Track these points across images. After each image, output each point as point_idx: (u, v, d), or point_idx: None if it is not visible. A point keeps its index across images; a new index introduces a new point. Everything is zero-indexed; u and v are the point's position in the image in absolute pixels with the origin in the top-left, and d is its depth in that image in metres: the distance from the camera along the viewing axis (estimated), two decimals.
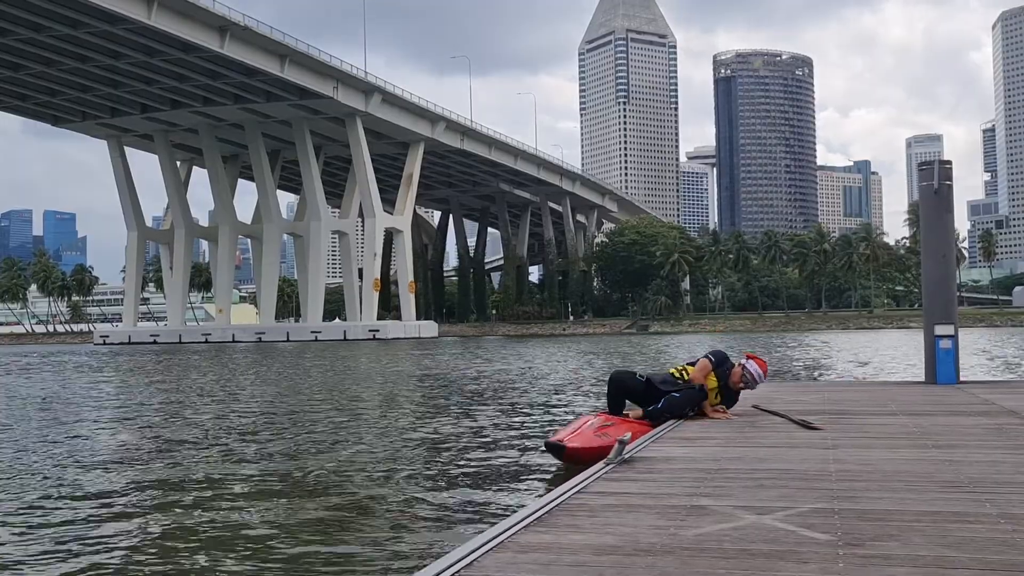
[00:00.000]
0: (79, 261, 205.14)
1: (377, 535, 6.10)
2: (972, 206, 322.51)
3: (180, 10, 72.29)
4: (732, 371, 8.22)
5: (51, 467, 9.55)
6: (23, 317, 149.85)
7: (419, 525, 6.41)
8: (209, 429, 13.04)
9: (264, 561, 5.53)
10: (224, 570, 5.40)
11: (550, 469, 8.60)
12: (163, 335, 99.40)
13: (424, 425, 13.35)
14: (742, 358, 8.38)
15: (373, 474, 8.70)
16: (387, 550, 5.70)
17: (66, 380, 27.79)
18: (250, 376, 28.22)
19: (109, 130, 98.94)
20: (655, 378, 8.16)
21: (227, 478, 8.58)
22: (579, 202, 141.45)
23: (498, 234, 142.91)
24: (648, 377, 8.20)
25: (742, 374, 8.20)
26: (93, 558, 5.74)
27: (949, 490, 4.57)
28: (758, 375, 8.22)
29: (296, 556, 5.60)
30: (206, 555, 5.72)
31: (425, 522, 6.51)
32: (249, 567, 5.44)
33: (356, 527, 6.37)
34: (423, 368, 31.40)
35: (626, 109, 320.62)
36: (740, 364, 8.25)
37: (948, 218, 11.49)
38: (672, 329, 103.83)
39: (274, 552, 5.72)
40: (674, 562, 3.28)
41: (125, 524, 6.73)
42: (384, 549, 5.73)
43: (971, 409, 8.36)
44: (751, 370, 8.19)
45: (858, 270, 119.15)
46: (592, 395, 17.68)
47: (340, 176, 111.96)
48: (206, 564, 5.52)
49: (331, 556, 5.59)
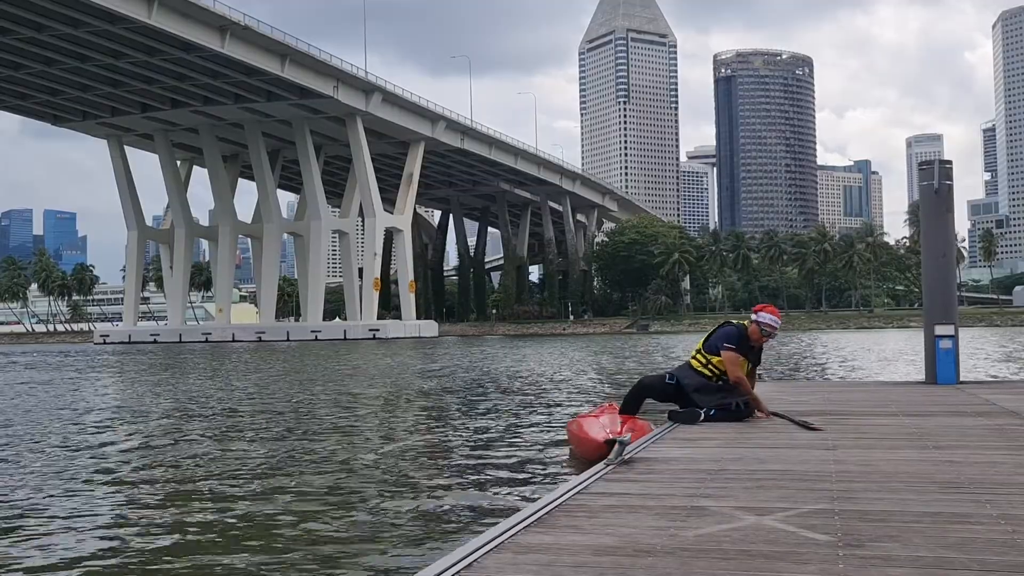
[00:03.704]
0: (79, 261, 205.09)
1: (377, 535, 6.10)
2: (972, 206, 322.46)
3: (180, 10, 72.31)
4: (750, 332, 8.07)
5: (60, 465, 9.56)
6: (23, 316, 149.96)
7: (419, 525, 6.41)
8: (211, 427, 13.04)
9: (264, 561, 5.53)
10: (224, 570, 5.40)
11: (550, 469, 8.61)
12: (163, 335, 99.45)
13: (424, 425, 13.36)
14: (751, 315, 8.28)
15: (373, 474, 8.70)
16: (387, 550, 5.70)
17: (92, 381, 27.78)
18: (252, 376, 28.22)
19: (109, 129, 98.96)
20: (685, 381, 7.91)
21: (227, 478, 8.58)
22: (579, 202, 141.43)
23: (498, 234, 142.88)
24: (678, 379, 7.96)
25: (760, 330, 8.06)
26: (91, 559, 5.74)
27: (949, 491, 4.57)
28: (773, 322, 8.09)
29: (296, 556, 5.60)
30: (206, 555, 5.72)
31: (425, 522, 6.51)
32: (249, 567, 5.44)
33: (356, 527, 6.37)
34: (425, 367, 31.40)
35: (626, 109, 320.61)
36: (752, 321, 8.14)
37: (948, 218, 11.49)
38: (672, 329, 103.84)
39: (274, 552, 5.72)
40: (674, 563, 3.28)
41: (126, 523, 6.73)
42: (384, 549, 5.73)
43: (971, 409, 8.36)
44: (765, 321, 8.08)
45: (858, 270, 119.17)
46: (592, 394, 17.68)
47: (340, 176, 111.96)
48: (205, 564, 5.52)
49: (331, 556, 5.58)
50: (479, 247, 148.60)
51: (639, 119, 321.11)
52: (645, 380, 8.37)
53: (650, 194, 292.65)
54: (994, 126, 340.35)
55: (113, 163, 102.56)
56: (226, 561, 5.57)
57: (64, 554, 5.85)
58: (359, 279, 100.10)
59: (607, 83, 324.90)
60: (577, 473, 6.40)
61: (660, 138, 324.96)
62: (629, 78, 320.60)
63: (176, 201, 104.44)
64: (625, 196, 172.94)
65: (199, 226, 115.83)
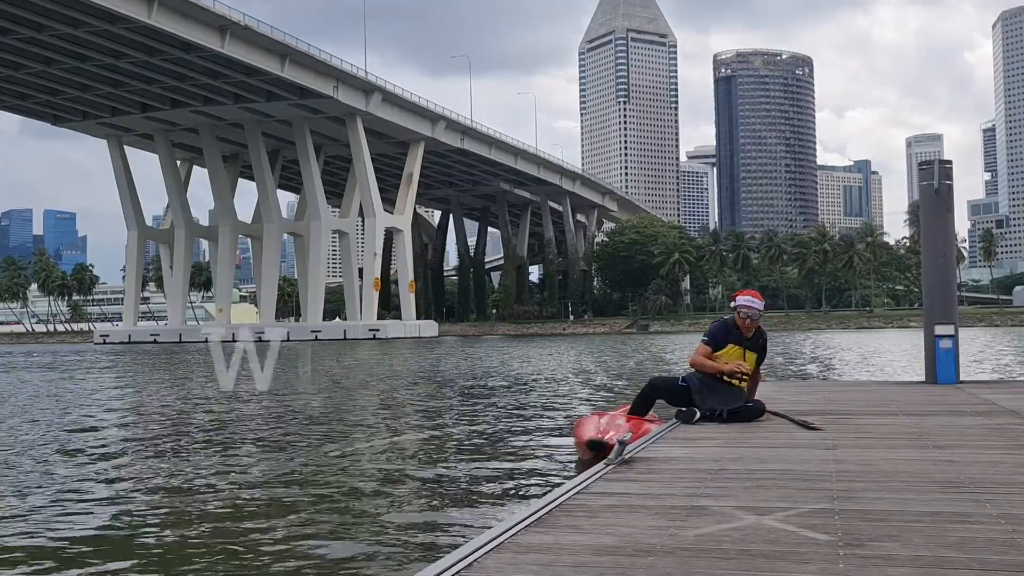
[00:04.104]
0: (79, 260, 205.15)
1: (377, 535, 6.10)
2: (972, 206, 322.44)
3: (180, 9, 72.30)
4: (737, 321, 7.89)
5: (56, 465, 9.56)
6: (23, 316, 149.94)
7: (419, 525, 6.41)
8: (213, 426, 13.04)
9: (264, 560, 5.53)
10: (223, 570, 5.40)
11: (550, 469, 8.61)
12: (163, 334, 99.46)
13: (424, 425, 13.36)
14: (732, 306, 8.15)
15: (373, 474, 8.70)
16: (387, 550, 5.70)
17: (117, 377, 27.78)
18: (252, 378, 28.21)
19: (109, 129, 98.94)
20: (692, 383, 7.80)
21: (226, 477, 8.58)
22: (579, 202, 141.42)
23: (498, 234, 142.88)
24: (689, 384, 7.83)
25: (740, 313, 7.87)
26: (89, 561, 5.74)
27: (949, 490, 4.56)
28: (749, 302, 7.88)
29: (296, 556, 5.60)
30: (204, 555, 5.72)
31: (425, 522, 6.51)
32: (248, 567, 5.44)
33: (356, 527, 6.37)
34: (425, 367, 31.40)
35: (626, 109, 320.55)
36: (734, 309, 8.06)
37: (948, 218, 11.48)
38: (672, 329, 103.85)
39: (273, 552, 5.72)
40: (674, 563, 3.28)
41: (125, 525, 6.73)
42: (384, 549, 5.73)
43: (971, 409, 8.35)
44: (741, 303, 7.89)
45: (858, 270, 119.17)
46: (591, 394, 17.68)
47: (340, 176, 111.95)
48: (205, 564, 5.52)
49: (331, 556, 5.58)
50: (479, 247, 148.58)
51: (639, 119, 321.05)
52: (656, 380, 8.25)
53: (650, 194, 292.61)
54: (994, 126, 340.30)
55: (113, 163, 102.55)
56: (225, 561, 5.57)
57: (63, 554, 5.86)
58: (359, 279, 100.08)
59: (607, 83, 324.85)
60: (577, 473, 6.40)
61: (660, 138, 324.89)
62: (629, 78, 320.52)
63: (176, 201, 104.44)
64: (625, 196, 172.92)
65: (199, 226, 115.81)
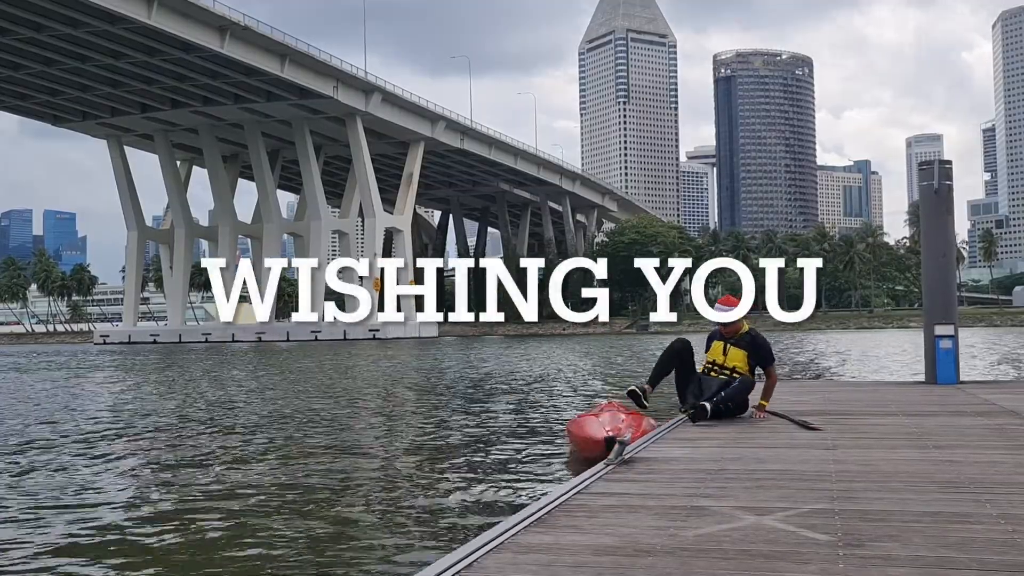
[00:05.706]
0: (79, 261, 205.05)
1: (377, 535, 6.10)
2: (972, 206, 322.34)
3: (180, 10, 72.25)
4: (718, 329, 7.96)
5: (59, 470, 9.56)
6: (23, 317, 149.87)
7: (419, 525, 6.41)
8: (215, 425, 13.04)
9: (264, 560, 5.53)
10: (223, 569, 5.40)
11: (550, 469, 8.61)
12: (163, 335, 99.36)
13: (424, 425, 13.36)
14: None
15: (373, 474, 8.70)
16: (387, 550, 5.70)
17: None
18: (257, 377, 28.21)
19: (109, 130, 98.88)
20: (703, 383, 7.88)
21: (226, 476, 8.58)
22: (579, 202, 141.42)
23: (498, 234, 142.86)
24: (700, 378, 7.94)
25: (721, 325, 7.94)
26: (89, 561, 5.74)
27: (949, 490, 4.57)
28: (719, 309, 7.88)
29: (296, 556, 5.60)
30: (204, 554, 5.72)
31: (425, 522, 6.51)
32: (248, 567, 5.44)
33: (356, 527, 6.37)
34: (425, 367, 31.40)
35: (626, 109, 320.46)
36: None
37: (948, 218, 11.49)
38: (672, 329, 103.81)
39: (273, 551, 5.72)
40: (674, 563, 3.28)
41: (125, 525, 6.73)
42: (384, 549, 5.73)
43: (971, 409, 8.36)
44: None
45: (858, 270, 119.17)
46: (591, 392, 17.68)
47: (340, 176, 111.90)
48: (204, 563, 5.51)
49: (331, 556, 5.58)
50: (479, 247, 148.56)
51: (639, 119, 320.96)
52: (677, 343, 8.05)
53: (650, 194, 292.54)
54: (994, 126, 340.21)
55: (113, 163, 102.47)
56: (225, 560, 5.57)
57: (64, 554, 5.86)
58: (359, 279, 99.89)
59: (607, 83, 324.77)
60: (577, 473, 6.40)
61: (660, 138, 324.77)
62: (629, 78, 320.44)
63: (176, 201, 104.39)
64: (625, 196, 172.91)
65: (199, 226, 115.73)
